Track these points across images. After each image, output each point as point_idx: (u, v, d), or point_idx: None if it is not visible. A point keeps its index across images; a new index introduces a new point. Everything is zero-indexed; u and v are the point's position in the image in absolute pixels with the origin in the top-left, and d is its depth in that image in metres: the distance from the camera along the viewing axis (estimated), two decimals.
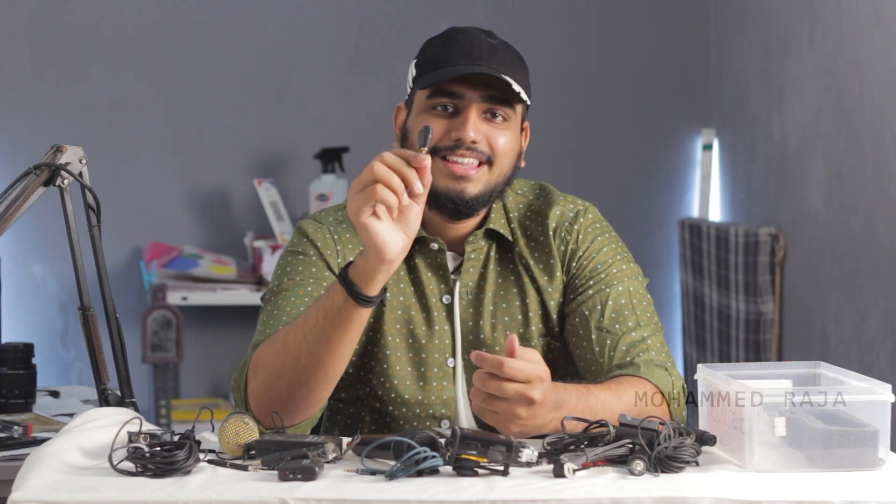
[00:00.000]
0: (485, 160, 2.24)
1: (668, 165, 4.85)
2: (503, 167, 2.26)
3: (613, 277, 2.32)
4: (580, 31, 4.80)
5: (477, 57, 2.22)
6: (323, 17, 4.69)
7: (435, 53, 2.26)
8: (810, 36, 3.89)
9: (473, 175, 2.23)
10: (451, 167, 2.23)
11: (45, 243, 4.48)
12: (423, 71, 2.26)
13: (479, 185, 2.24)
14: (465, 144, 2.22)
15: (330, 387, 2.11)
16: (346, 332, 2.04)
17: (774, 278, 4.15)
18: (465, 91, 2.22)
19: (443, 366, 2.31)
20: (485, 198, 2.26)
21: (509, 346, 1.96)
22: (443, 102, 2.23)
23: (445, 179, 2.23)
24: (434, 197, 2.23)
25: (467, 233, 2.33)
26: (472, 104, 2.22)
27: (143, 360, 4.29)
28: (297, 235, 2.34)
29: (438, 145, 2.22)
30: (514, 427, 1.99)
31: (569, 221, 2.35)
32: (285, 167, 4.68)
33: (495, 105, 2.24)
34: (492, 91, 2.23)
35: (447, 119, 2.23)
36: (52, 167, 2.34)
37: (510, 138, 2.26)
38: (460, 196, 2.24)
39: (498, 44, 2.26)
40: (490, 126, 2.24)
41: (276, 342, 2.11)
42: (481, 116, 2.23)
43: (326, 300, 2.04)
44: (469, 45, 2.24)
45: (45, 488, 1.77)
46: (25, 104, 4.55)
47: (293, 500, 1.74)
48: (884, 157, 3.43)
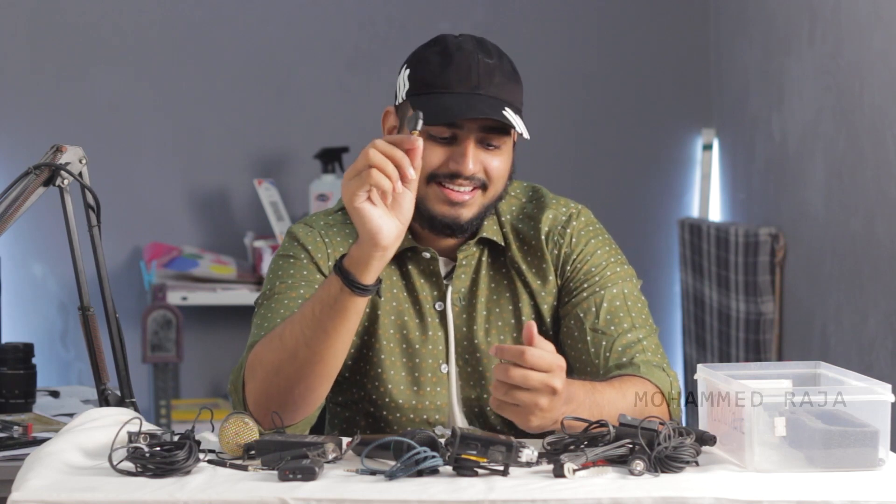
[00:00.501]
0: (479, 186, 2.24)
1: (668, 165, 4.85)
2: (497, 189, 2.27)
3: (608, 280, 2.32)
4: (580, 31, 4.80)
5: (476, 83, 2.20)
6: (323, 17, 4.69)
7: (431, 73, 2.23)
8: (810, 36, 3.89)
9: (469, 201, 2.24)
10: (448, 194, 2.23)
11: (45, 243, 4.48)
12: (418, 89, 2.23)
13: (473, 209, 2.25)
14: (463, 176, 2.22)
15: (328, 383, 2.11)
16: (343, 322, 2.04)
17: (774, 278, 4.15)
18: (464, 122, 2.21)
19: (436, 371, 2.31)
20: (479, 219, 2.28)
21: (528, 334, 1.96)
22: (441, 132, 2.21)
23: (441, 205, 2.24)
24: (429, 220, 2.25)
25: (459, 242, 2.33)
26: (471, 135, 2.21)
27: (143, 360, 4.29)
28: (287, 239, 2.34)
29: (436, 172, 2.22)
30: (534, 420, 1.98)
31: (561, 225, 2.35)
32: (285, 167, 4.68)
33: (492, 135, 2.23)
34: (490, 122, 2.21)
35: (444, 146, 2.22)
36: (52, 167, 2.34)
37: (504, 161, 2.26)
38: (456, 221, 2.25)
39: (494, 63, 2.23)
40: (486, 153, 2.23)
41: (273, 339, 2.11)
42: (478, 145, 2.23)
43: (322, 292, 2.05)
44: (467, 68, 2.21)
45: (45, 488, 1.77)
46: (25, 104, 4.55)
47: (293, 500, 1.74)
48: (884, 157, 3.43)
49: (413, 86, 2.24)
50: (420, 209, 2.22)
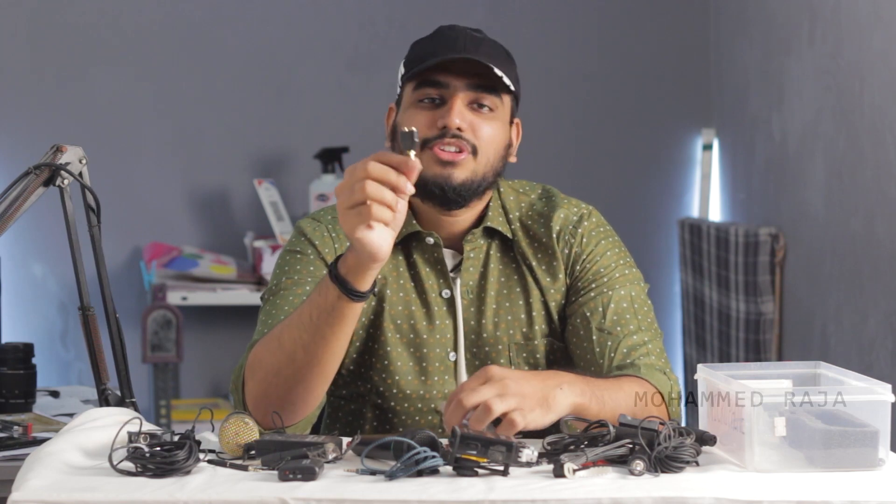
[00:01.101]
0: (469, 149, 2.25)
1: (668, 165, 4.85)
2: (489, 157, 2.27)
3: (616, 281, 2.33)
4: (580, 31, 4.80)
5: (462, 48, 2.25)
6: (323, 17, 4.69)
7: (421, 49, 2.29)
8: (810, 36, 3.89)
9: (459, 162, 2.24)
10: (438, 153, 2.24)
11: (45, 243, 4.48)
12: (410, 67, 2.29)
13: (465, 172, 2.25)
14: (451, 132, 2.23)
15: (326, 383, 2.12)
16: (341, 327, 2.05)
17: (774, 278, 4.15)
18: (451, 80, 2.25)
19: (444, 360, 2.31)
20: (472, 186, 2.27)
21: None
22: (429, 94, 2.25)
23: (433, 166, 2.24)
24: (422, 185, 2.22)
25: (464, 230, 2.33)
26: (458, 92, 2.25)
27: (143, 360, 4.29)
28: (295, 234, 2.35)
29: (425, 136, 2.24)
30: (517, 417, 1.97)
31: (573, 225, 2.36)
32: (285, 167, 4.68)
33: (481, 93, 2.26)
34: (477, 80, 2.25)
35: (434, 111, 2.25)
36: (52, 167, 2.34)
37: (496, 129, 2.28)
38: (448, 182, 2.25)
39: (484, 38, 2.29)
40: (476, 116, 2.26)
41: (272, 341, 2.11)
42: (468, 106, 2.25)
43: (320, 298, 2.04)
44: (454, 38, 2.27)
45: (45, 488, 1.77)
46: (25, 104, 4.55)
47: (293, 500, 1.74)
48: (884, 157, 3.43)
49: (406, 68, 2.29)
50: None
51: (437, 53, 2.25)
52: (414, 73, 2.26)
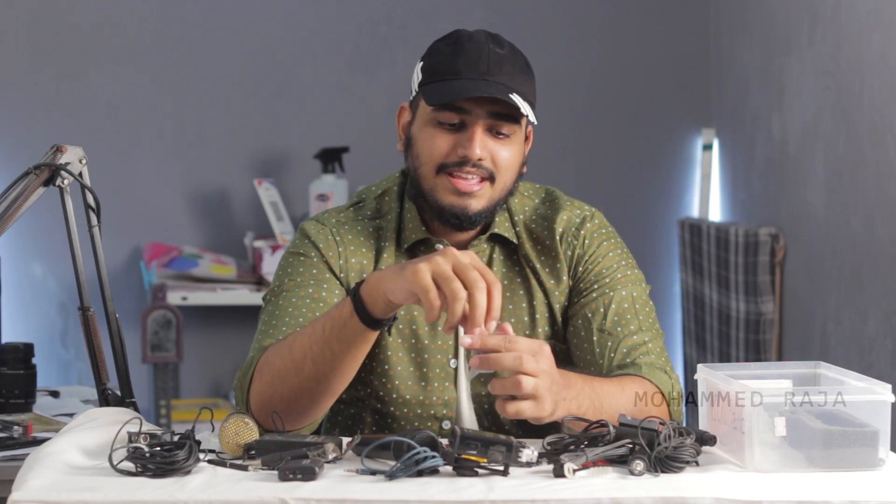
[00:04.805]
0: (487, 176, 2.25)
1: (668, 165, 4.85)
2: (505, 182, 2.28)
3: (617, 282, 2.33)
4: (580, 31, 4.80)
5: (485, 70, 2.22)
6: (323, 17, 4.69)
7: (442, 61, 2.25)
8: (810, 36, 3.89)
9: (477, 191, 2.25)
10: (456, 183, 2.24)
11: (45, 243, 4.48)
12: (429, 78, 2.26)
13: (482, 201, 2.26)
14: (471, 162, 2.23)
15: (331, 399, 2.12)
16: (350, 348, 2.04)
17: (774, 278, 4.15)
18: (472, 107, 2.22)
19: (445, 366, 2.31)
20: (488, 212, 2.28)
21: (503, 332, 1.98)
22: (449, 118, 2.23)
23: (450, 195, 2.24)
24: (438, 211, 2.26)
25: (471, 237, 2.33)
26: (479, 121, 2.23)
27: (143, 360, 4.29)
28: (298, 236, 2.34)
29: (445, 162, 2.24)
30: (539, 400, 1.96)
31: (575, 227, 2.36)
32: (285, 167, 4.68)
33: (500, 122, 2.24)
34: (498, 108, 2.23)
35: (453, 134, 2.24)
36: (52, 167, 2.34)
37: (514, 153, 2.27)
38: (464, 212, 2.25)
39: (506, 54, 2.25)
40: (495, 142, 2.25)
41: (283, 346, 2.11)
42: (486, 132, 2.24)
43: (335, 311, 2.05)
44: (477, 56, 2.23)
45: (45, 488, 1.77)
46: (25, 104, 4.55)
47: (293, 500, 1.74)
48: (884, 157, 3.43)
49: (425, 76, 2.27)
50: (429, 201, 2.26)
51: (459, 73, 2.22)
52: (434, 100, 2.22)
